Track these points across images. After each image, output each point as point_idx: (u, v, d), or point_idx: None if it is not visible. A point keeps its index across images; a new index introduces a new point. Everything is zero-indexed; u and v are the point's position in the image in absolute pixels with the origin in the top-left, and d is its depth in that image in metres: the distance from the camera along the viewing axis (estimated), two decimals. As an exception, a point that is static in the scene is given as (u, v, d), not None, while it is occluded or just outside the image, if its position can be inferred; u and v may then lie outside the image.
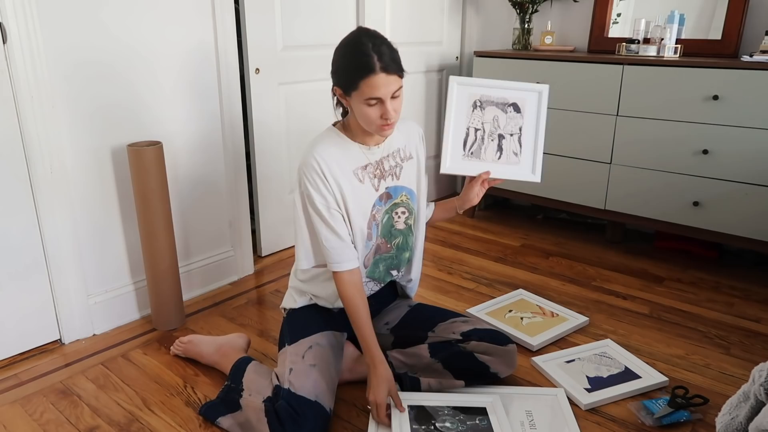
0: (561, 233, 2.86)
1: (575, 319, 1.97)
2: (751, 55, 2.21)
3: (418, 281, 1.73)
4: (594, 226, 2.94)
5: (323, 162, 1.41)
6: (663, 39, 2.38)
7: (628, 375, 1.67)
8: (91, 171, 1.82)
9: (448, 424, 1.41)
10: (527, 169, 1.58)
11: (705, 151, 2.26)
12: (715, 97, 2.20)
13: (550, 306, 2.07)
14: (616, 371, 1.69)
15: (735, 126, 2.18)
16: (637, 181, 2.46)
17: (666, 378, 1.65)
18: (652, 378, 1.65)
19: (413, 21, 2.91)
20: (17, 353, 1.78)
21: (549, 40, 2.83)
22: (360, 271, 1.49)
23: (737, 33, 2.39)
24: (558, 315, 2.01)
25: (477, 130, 1.56)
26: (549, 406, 1.53)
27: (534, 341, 1.83)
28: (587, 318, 1.98)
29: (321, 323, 1.55)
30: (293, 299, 1.62)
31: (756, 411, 1.10)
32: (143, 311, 2.02)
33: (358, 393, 1.59)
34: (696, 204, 2.33)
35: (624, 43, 2.48)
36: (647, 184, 2.44)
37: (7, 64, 1.58)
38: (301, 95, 2.46)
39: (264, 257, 2.52)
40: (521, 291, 2.19)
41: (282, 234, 2.57)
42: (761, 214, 2.20)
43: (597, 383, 1.63)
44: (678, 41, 2.42)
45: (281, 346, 1.56)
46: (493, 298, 2.15)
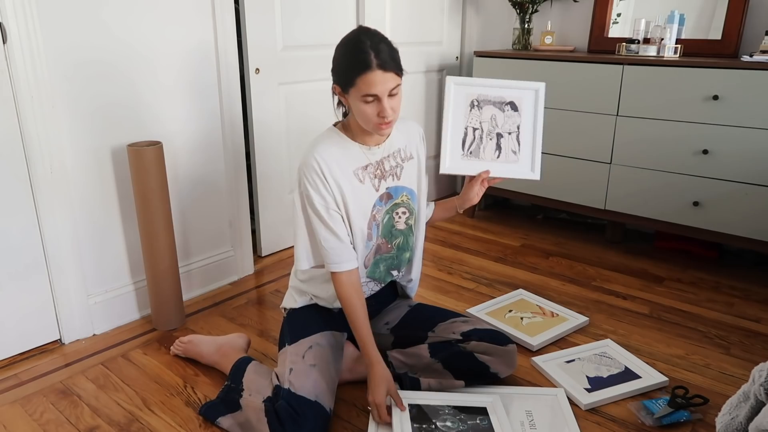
0: (561, 233, 2.86)
1: (575, 319, 1.97)
2: (751, 55, 2.21)
3: (418, 281, 1.73)
4: (594, 226, 2.94)
5: (323, 162, 1.41)
6: (663, 39, 2.38)
7: (628, 375, 1.67)
8: (91, 171, 1.82)
9: (449, 423, 1.41)
10: (526, 167, 1.58)
11: (705, 151, 2.26)
12: (715, 97, 2.20)
13: (550, 306, 2.07)
14: (616, 371, 1.69)
15: (735, 126, 2.18)
16: (637, 181, 2.46)
17: (666, 378, 1.65)
18: (652, 378, 1.65)
19: (413, 21, 2.91)
20: (17, 353, 1.78)
21: (549, 40, 2.83)
22: (358, 272, 1.49)
23: (737, 33, 2.39)
24: (558, 315, 2.01)
25: (475, 129, 1.56)
26: (549, 406, 1.53)
27: (534, 341, 1.83)
28: (587, 318, 1.98)
29: (321, 323, 1.55)
30: (293, 299, 1.62)
31: (756, 411, 1.10)
32: (143, 311, 2.02)
33: (358, 393, 1.59)
34: (696, 204, 2.33)
35: (624, 43, 2.48)
36: (647, 184, 2.44)
37: (7, 64, 1.58)
38: (301, 95, 2.46)
39: (264, 257, 2.52)
40: (521, 291, 2.19)
41: (282, 234, 2.57)
42: (761, 214, 2.20)
43: (597, 383, 1.63)
44: (678, 41, 2.42)
45: (281, 345, 1.56)
46: (493, 298, 2.15)
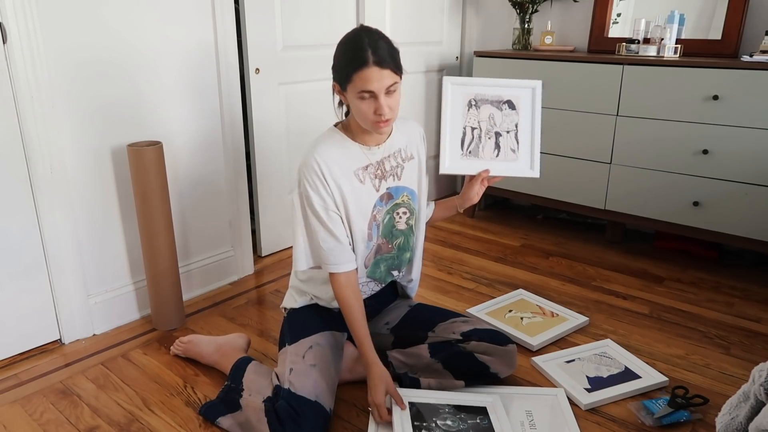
0: (561, 233, 2.86)
1: (575, 319, 1.97)
2: (751, 55, 2.21)
3: (418, 281, 1.73)
4: (594, 226, 2.94)
5: (323, 163, 1.41)
6: (663, 39, 2.38)
7: (628, 375, 1.67)
8: (91, 171, 1.82)
9: (449, 422, 1.41)
10: (526, 165, 1.59)
11: (705, 151, 2.26)
12: (715, 97, 2.20)
13: (550, 306, 2.07)
14: (616, 371, 1.69)
15: (735, 126, 2.18)
16: (637, 181, 2.46)
17: (666, 378, 1.65)
18: (652, 378, 1.65)
19: (413, 21, 2.91)
20: (17, 353, 1.78)
21: (549, 40, 2.83)
22: (356, 274, 1.49)
23: (737, 33, 2.39)
24: (558, 315, 2.01)
25: (474, 129, 1.57)
26: (549, 406, 1.53)
27: (534, 341, 1.83)
28: (587, 318, 1.98)
29: (321, 323, 1.55)
30: (294, 299, 1.62)
31: (756, 411, 1.10)
32: (143, 311, 2.02)
33: (358, 393, 1.59)
34: (696, 204, 2.33)
35: (624, 43, 2.48)
36: (647, 184, 2.44)
37: (7, 64, 1.58)
38: (301, 95, 2.46)
39: (264, 257, 2.52)
40: (521, 291, 2.19)
41: (282, 234, 2.57)
42: (761, 214, 2.20)
43: (597, 383, 1.63)
44: (678, 41, 2.42)
45: (281, 345, 1.56)
46: (493, 298, 2.15)
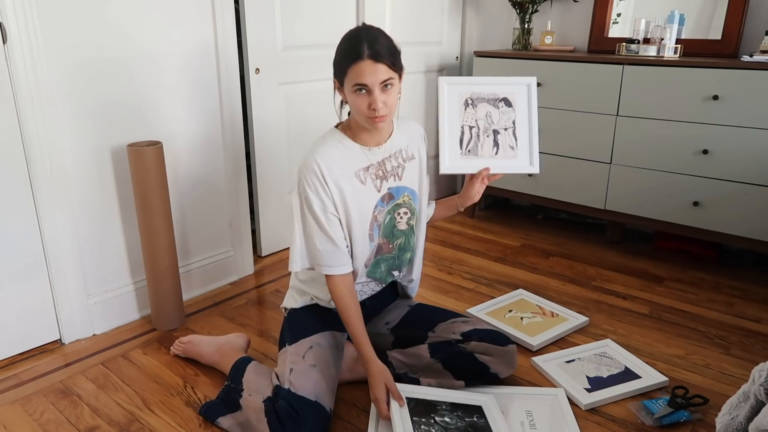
0: (561, 233, 2.86)
1: (575, 319, 1.97)
2: (751, 55, 2.21)
3: (418, 281, 1.73)
4: (594, 226, 2.94)
5: (324, 165, 1.40)
6: (663, 39, 2.38)
7: (628, 375, 1.67)
8: (91, 171, 1.82)
9: (447, 419, 1.41)
10: (525, 161, 1.59)
11: (705, 151, 2.26)
12: (715, 97, 2.20)
13: (550, 306, 2.07)
14: (616, 371, 1.69)
15: (735, 126, 2.18)
16: (637, 181, 2.46)
17: (666, 378, 1.65)
18: (652, 378, 1.65)
19: (413, 21, 2.91)
20: (17, 353, 1.78)
21: (549, 40, 2.83)
22: (352, 276, 1.49)
23: (737, 33, 2.39)
24: (558, 315, 2.01)
25: (471, 127, 1.57)
26: (549, 406, 1.53)
27: (534, 341, 1.83)
28: (587, 318, 1.98)
29: (321, 323, 1.55)
30: (294, 299, 1.62)
31: (756, 411, 1.10)
32: (143, 311, 2.02)
33: (358, 393, 1.59)
34: (696, 204, 2.33)
35: (624, 43, 2.48)
36: (647, 184, 2.44)
37: (7, 64, 1.58)
38: (301, 95, 2.46)
39: (264, 257, 2.52)
40: (521, 291, 2.19)
41: (282, 234, 2.56)
42: (761, 214, 2.20)
43: (597, 383, 1.63)
44: (678, 41, 2.42)
45: (282, 345, 1.56)
46: (493, 298, 2.15)
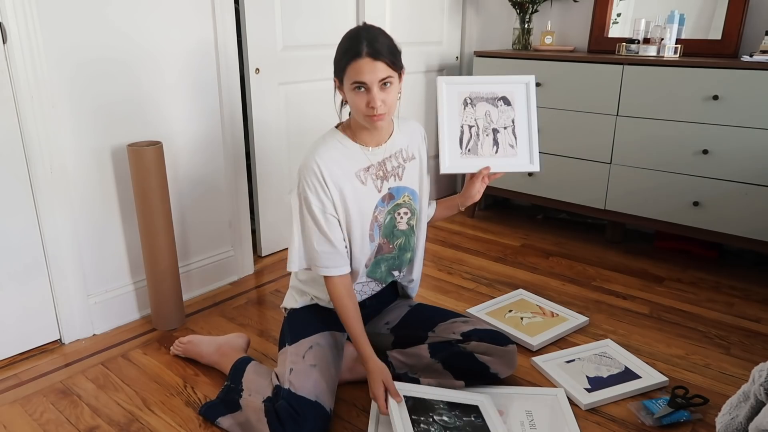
0: (561, 233, 2.86)
1: (575, 319, 1.97)
2: (751, 55, 2.21)
3: (419, 282, 1.73)
4: (594, 226, 2.94)
5: (324, 166, 1.40)
6: (663, 39, 2.38)
7: (628, 375, 1.67)
8: (91, 171, 1.82)
9: (445, 418, 1.41)
10: (525, 160, 1.59)
11: (705, 151, 2.26)
12: (715, 97, 2.20)
13: (550, 306, 2.07)
14: (616, 371, 1.69)
15: (735, 126, 2.18)
16: (637, 181, 2.46)
17: (666, 378, 1.65)
18: (652, 378, 1.65)
19: (413, 21, 2.91)
20: (17, 353, 1.78)
21: (549, 40, 2.83)
22: (350, 277, 1.49)
23: (737, 33, 2.39)
24: (558, 315, 2.01)
25: (471, 127, 1.57)
26: (549, 406, 1.53)
27: (534, 341, 1.83)
28: (587, 318, 1.98)
29: (321, 323, 1.55)
30: (294, 299, 1.62)
31: (756, 411, 1.10)
32: (143, 311, 2.02)
33: (358, 393, 1.59)
34: (696, 204, 2.33)
35: (624, 43, 2.48)
36: (647, 184, 2.44)
37: (7, 64, 1.58)
38: (301, 95, 2.46)
39: (264, 257, 2.52)
40: (521, 291, 2.19)
41: (282, 234, 2.56)
42: (761, 214, 2.20)
43: (597, 383, 1.63)
44: (678, 41, 2.42)
45: (282, 345, 1.56)
46: (493, 298, 2.15)
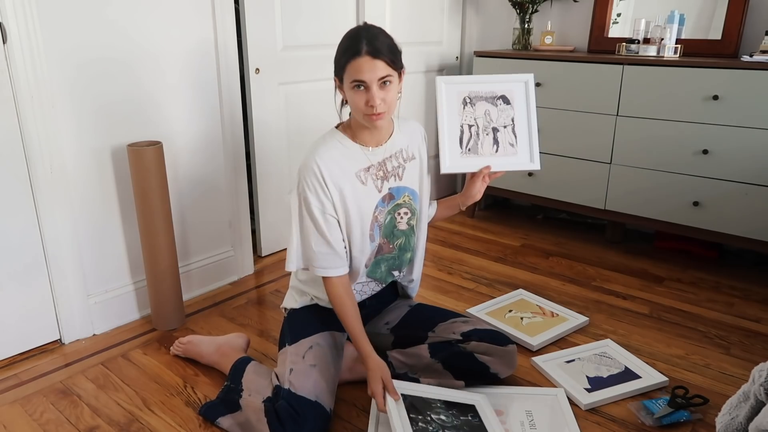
0: (561, 233, 2.86)
1: (575, 319, 1.97)
2: (751, 55, 2.21)
3: (419, 282, 1.73)
4: (594, 226, 2.94)
5: (324, 166, 1.40)
6: (663, 39, 2.38)
7: (628, 375, 1.67)
8: (91, 171, 1.82)
9: (443, 417, 1.41)
10: (525, 158, 1.59)
11: (705, 151, 2.26)
12: (715, 97, 2.20)
13: (550, 306, 2.07)
14: (616, 371, 1.69)
15: (735, 126, 2.18)
16: (637, 181, 2.46)
17: (666, 378, 1.65)
18: (652, 378, 1.65)
19: (413, 21, 2.91)
20: (17, 353, 1.78)
21: (549, 40, 2.83)
22: (348, 277, 1.49)
23: (737, 33, 2.39)
24: (558, 315, 2.01)
25: (471, 126, 1.57)
26: (549, 406, 1.53)
27: (534, 341, 1.83)
28: (587, 318, 1.98)
29: (321, 323, 1.55)
30: (294, 299, 1.62)
31: (756, 411, 1.10)
32: (143, 311, 2.02)
33: (358, 393, 1.59)
34: (696, 204, 2.33)
35: (624, 43, 2.48)
36: (647, 184, 2.44)
37: (7, 64, 1.58)
38: (301, 95, 2.46)
39: (264, 257, 2.52)
40: (521, 291, 2.19)
41: (282, 234, 2.56)
42: (761, 214, 2.20)
43: (597, 383, 1.63)
44: (678, 41, 2.42)
45: (281, 345, 1.56)
46: (493, 298, 2.15)
